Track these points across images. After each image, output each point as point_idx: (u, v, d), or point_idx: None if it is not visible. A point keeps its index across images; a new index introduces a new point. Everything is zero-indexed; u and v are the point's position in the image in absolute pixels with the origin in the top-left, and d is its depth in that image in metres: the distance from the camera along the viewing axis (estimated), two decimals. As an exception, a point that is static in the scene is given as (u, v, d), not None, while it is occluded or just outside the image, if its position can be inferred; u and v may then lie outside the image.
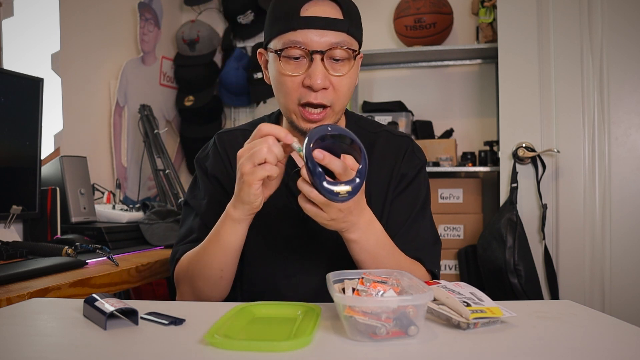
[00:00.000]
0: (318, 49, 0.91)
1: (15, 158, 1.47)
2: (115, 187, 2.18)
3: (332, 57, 0.93)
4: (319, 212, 0.80)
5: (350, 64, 0.95)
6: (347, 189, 0.74)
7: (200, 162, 1.12)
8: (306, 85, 0.93)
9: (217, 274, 0.96)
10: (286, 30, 0.92)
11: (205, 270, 0.96)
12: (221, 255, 0.94)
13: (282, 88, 0.96)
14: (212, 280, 0.96)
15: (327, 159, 0.75)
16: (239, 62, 2.80)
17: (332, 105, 0.95)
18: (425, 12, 2.46)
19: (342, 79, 0.94)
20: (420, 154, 1.11)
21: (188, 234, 1.06)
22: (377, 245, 0.91)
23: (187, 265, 1.00)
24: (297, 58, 0.93)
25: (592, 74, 2.09)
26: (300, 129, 0.97)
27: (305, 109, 0.95)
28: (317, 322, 0.68)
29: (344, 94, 0.96)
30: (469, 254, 2.32)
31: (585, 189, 2.10)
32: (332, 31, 0.92)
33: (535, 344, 0.63)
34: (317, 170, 0.73)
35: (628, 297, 2.04)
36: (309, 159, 0.73)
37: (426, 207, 1.09)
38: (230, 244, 0.93)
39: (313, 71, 0.91)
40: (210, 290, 0.98)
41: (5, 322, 0.73)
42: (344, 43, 0.93)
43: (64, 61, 2.01)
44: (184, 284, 1.02)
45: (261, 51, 1.02)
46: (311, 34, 0.91)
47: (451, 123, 2.69)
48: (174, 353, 0.61)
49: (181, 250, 1.04)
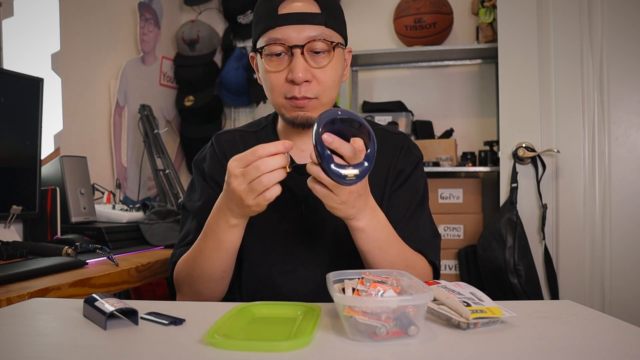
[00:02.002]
0: (297, 44, 0.95)
1: (15, 158, 1.47)
2: (115, 187, 2.18)
3: (312, 50, 0.96)
4: (329, 194, 0.80)
5: (331, 55, 0.97)
6: (355, 172, 0.74)
7: (198, 164, 1.12)
8: (289, 80, 0.96)
9: (220, 275, 0.97)
10: (266, 29, 0.96)
11: (207, 272, 0.96)
12: (223, 257, 0.95)
13: (268, 85, 0.99)
14: (214, 282, 0.98)
15: (337, 143, 0.75)
16: (239, 62, 2.80)
17: (318, 97, 0.97)
18: (425, 12, 2.46)
19: (324, 71, 0.97)
20: (416, 151, 1.12)
21: (185, 237, 1.07)
22: (382, 233, 0.91)
23: (187, 270, 1.00)
24: (279, 54, 0.96)
25: (592, 74, 2.09)
26: (292, 121, 1.00)
27: (291, 100, 0.97)
28: (317, 322, 0.68)
29: (329, 86, 0.98)
30: (469, 254, 2.32)
31: (585, 189, 2.10)
32: (310, 25, 0.95)
33: (535, 344, 0.63)
34: (325, 153, 0.73)
35: (628, 297, 2.04)
36: (318, 142, 0.74)
37: (424, 203, 1.09)
38: (232, 246, 0.94)
39: (294, 66, 0.95)
40: (213, 290, 0.99)
41: (5, 322, 0.73)
42: (323, 35, 0.95)
43: (64, 61, 2.01)
44: (184, 287, 1.02)
45: (252, 55, 1.05)
46: (289, 29, 0.94)
47: (451, 123, 2.69)
48: (174, 353, 0.61)
49: (178, 253, 1.05)
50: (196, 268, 0.97)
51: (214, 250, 0.94)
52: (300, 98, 0.96)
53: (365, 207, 0.86)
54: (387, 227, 0.93)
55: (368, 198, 0.87)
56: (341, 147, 0.75)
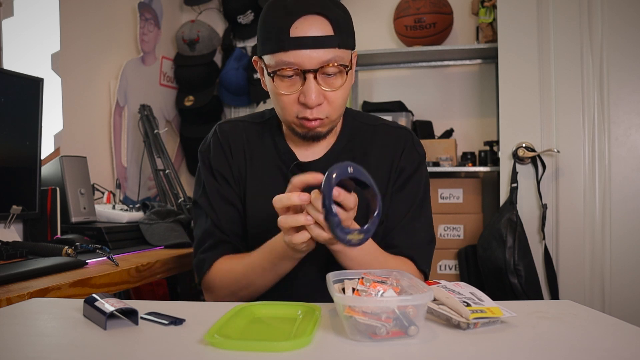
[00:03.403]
0: (310, 68, 0.92)
1: (15, 158, 1.47)
2: (115, 187, 2.18)
3: (325, 73, 0.95)
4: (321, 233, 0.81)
5: (343, 77, 0.96)
6: (360, 237, 0.77)
7: (203, 155, 1.12)
8: (301, 102, 0.95)
9: (266, 288, 1.02)
10: (277, 50, 0.93)
11: (256, 287, 1.02)
12: (275, 279, 1.00)
13: (278, 104, 0.99)
14: (259, 292, 1.03)
15: (342, 196, 0.78)
16: (239, 62, 2.80)
17: (328, 117, 0.98)
18: (425, 12, 2.46)
19: (336, 93, 0.96)
20: (420, 149, 1.12)
21: (205, 238, 1.08)
22: (362, 252, 0.93)
23: (232, 282, 1.04)
24: (291, 76, 0.95)
25: (592, 74, 2.09)
26: (302, 136, 1.02)
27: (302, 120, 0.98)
28: (317, 322, 0.68)
29: (339, 105, 0.99)
30: (469, 254, 2.32)
31: (585, 189, 2.10)
32: (323, 49, 0.92)
33: (535, 344, 0.63)
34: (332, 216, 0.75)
35: (628, 297, 2.04)
36: (326, 199, 0.75)
37: (424, 204, 1.10)
38: (286, 272, 0.99)
39: (307, 90, 0.93)
40: (251, 295, 1.04)
41: (5, 322, 0.73)
42: (336, 59, 0.93)
43: (64, 61, 2.01)
44: (222, 293, 1.05)
45: (256, 59, 1.04)
46: (302, 54, 0.92)
47: (451, 123, 2.69)
48: (174, 353, 0.61)
49: (209, 260, 1.06)
50: (246, 284, 1.02)
51: (269, 272, 0.98)
52: (312, 119, 0.96)
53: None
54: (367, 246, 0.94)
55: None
56: (346, 200, 0.78)
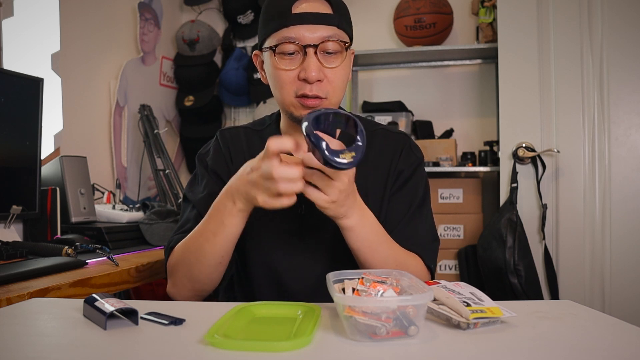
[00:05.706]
0: (311, 43, 0.95)
1: (15, 158, 1.47)
2: (115, 187, 2.18)
3: (325, 51, 0.97)
4: (320, 195, 0.80)
5: (343, 56, 0.99)
6: (352, 153, 0.75)
7: (202, 157, 1.14)
8: (301, 78, 0.96)
9: (218, 260, 0.97)
10: (279, 27, 0.96)
11: (206, 257, 0.96)
12: (223, 241, 0.95)
13: (278, 82, 0.99)
14: (211, 267, 0.97)
15: (327, 139, 0.76)
16: (239, 62, 2.80)
17: (327, 97, 0.98)
18: (425, 12, 2.46)
19: (335, 71, 0.98)
20: (417, 152, 1.12)
21: (184, 224, 1.07)
22: (371, 232, 0.93)
23: (185, 252, 1.00)
24: (292, 53, 0.97)
25: (592, 74, 2.09)
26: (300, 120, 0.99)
27: (302, 99, 0.98)
28: (317, 322, 0.68)
29: (338, 86, 1.00)
30: (469, 254, 2.32)
31: (585, 189, 2.10)
32: (323, 25, 0.96)
33: (535, 344, 0.63)
34: (320, 143, 0.74)
35: (628, 297, 2.04)
36: (311, 134, 0.75)
37: (424, 205, 1.09)
38: (233, 232, 0.94)
39: (307, 64, 0.95)
40: (207, 275, 0.99)
41: (5, 322, 0.73)
42: (336, 36, 0.97)
43: (64, 61, 2.01)
44: (179, 271, 1.01)
45: (257, 52, 1.06)
46: (303, 29, 0.95)
47: (451, 123, 2.69)
48: (174, 353, 0.61)
49: (175, 239, 1.05)
50: (195, 250, 0.97)
51: (215, 234, 0.94)
52: (311, 96, 0.96)
53: (354, 206, 0.88)
54: (376, 226, 0.95)
55: (356, 197, 0.89)
56: (331, 142, 0.76)
